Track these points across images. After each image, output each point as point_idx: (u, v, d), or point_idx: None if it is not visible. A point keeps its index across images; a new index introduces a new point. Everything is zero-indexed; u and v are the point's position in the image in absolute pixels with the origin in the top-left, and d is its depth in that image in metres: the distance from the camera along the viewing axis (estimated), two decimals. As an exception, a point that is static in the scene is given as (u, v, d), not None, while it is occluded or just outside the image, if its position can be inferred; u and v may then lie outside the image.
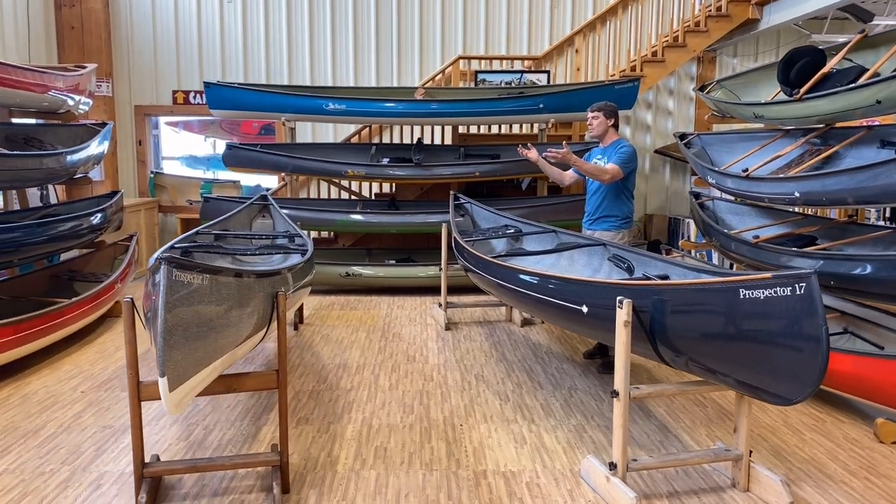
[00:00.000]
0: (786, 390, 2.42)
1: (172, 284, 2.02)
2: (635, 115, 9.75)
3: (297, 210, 7.27)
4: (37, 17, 8.67)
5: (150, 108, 9.62)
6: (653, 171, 9.95)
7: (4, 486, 3.11)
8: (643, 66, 8.39)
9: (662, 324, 2.82)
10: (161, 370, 2.00)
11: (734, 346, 2.57)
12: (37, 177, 5.86)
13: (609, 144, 5.15)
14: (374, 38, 9.40)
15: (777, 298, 2.34)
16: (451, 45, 9.36)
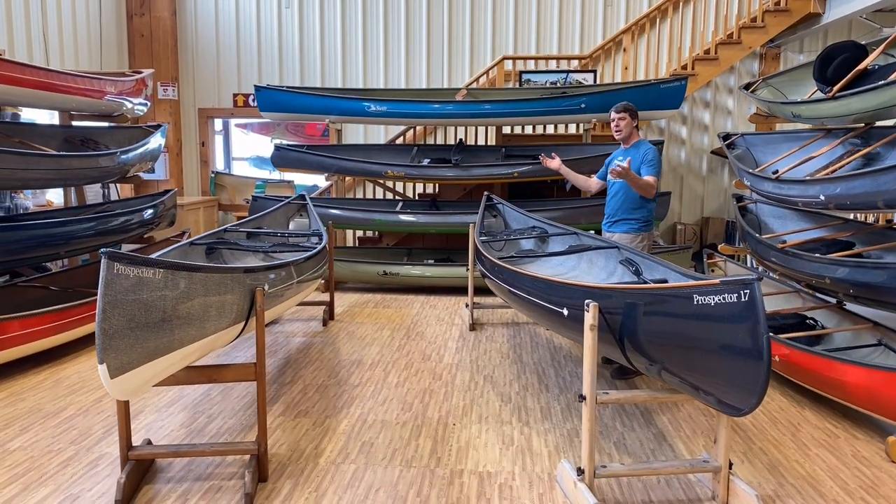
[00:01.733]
0: (735, 399, 2.33)
1: (113, 277, 2.15)
2: (692, 114, 9.46)
3: (339, 209, 7.47)
4: (109, 26, 9.24)
5: (212, 111, 10.08)
6: (710, 172, 9.62)
7: (14, 461, 3.36)
8: (695, 65, 8.13)
9: (628, 328, 2.76)
10: (99, 357, 2.14)
11: (691, 353, 2.49)
12: (92, 175, 6.25)
13: (631, 145, 5.04)
14: (426, 40, 9.51)
15: (725, 305, 2.26)
16: (502, 46, 9.35)
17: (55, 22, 8.10)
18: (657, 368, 2.79)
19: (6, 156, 4.68)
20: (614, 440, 3.68)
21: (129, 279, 2.23)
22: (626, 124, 5.01)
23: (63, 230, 5.59)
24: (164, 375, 2.60)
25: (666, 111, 7.61)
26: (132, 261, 2.23)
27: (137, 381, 2.35)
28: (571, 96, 7.51)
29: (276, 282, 3.46)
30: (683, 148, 9.58)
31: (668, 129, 9.50)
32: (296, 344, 5.45)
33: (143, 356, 2.34)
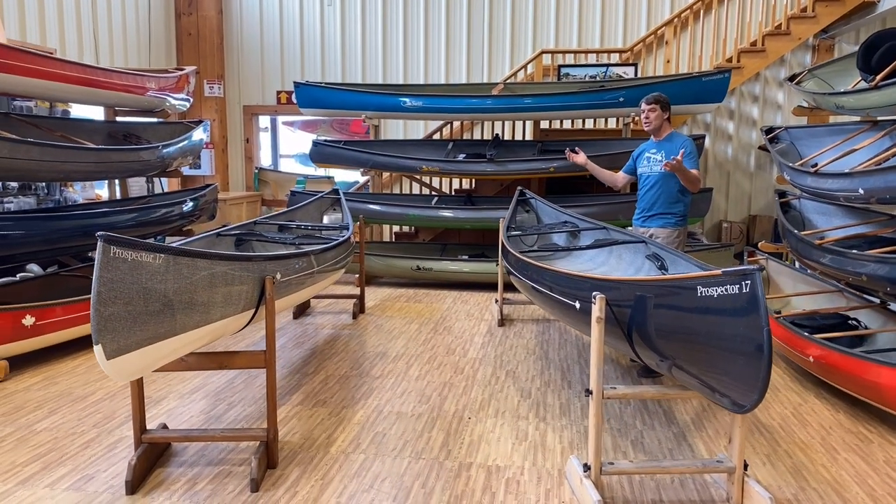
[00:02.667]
0: (738, 395, 2.23)
1: (108, 260, 2.20)
2: (739, 108, 9.17)
3: (374, 204, 7.51)
4: (158, 25, 9.50)
5: (256, 108, 10.27)
6: (758, 169, 9.31)
7: (39, 441, 3.48)
8: (740, 57, 7.87)
9: (635, 321, 2.68)
10: (94, 338, 2.19)
11: (697, 347, 2.40)
12: (133, 168, 6.44)
13: (663, 138, 4.90)
14: (466, 36, 9.48)
15: (727, 297, 2.17)
16: (543, 40, 9.25)
17: (105, 22, 8.38)
18: (667, 365, 2.70)
19: (47, 149, 4.85)
20: (632, 438, 3.58)
21: (127, 262, 2.28)
22: (655, 116, 4.87)
23: (103, 221, 5.77)
24: (167, 359, 2.64)
25: (708, 105, 7.39)
26: (130, 244, 2.28)
27: (137, 364, 2.39)
28: (610, 90, 7.37)
29: (289, 271, 3.49)
30: (730, 143, 9.30)
31: (713, 124, 9.24)
32: (323, 336, 5.50)
33: (142, 339, 2.38)
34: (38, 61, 5.17)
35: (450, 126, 8.96)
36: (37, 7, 7.24)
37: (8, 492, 2.97)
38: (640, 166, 5.01)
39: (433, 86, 8.71)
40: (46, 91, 5.40)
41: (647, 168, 4.94)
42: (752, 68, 7.94)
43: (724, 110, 9.12)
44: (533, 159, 7.42)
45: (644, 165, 4.96)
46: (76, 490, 2.98)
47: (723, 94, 7.25)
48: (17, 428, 3.65)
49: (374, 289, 7.31)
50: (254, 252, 4.99)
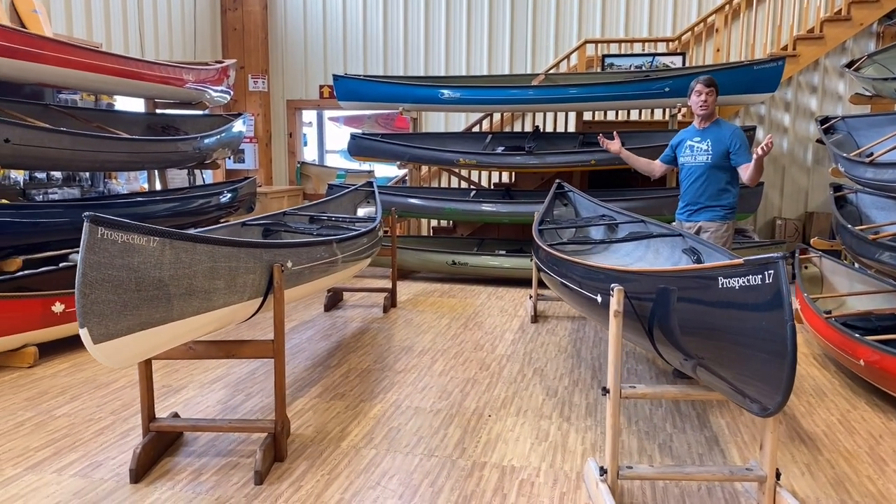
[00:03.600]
0: (762, 395, 2.02)
1: (95, 241, 2.13)
2: (796, 99, 8.72)
3: (410, 197, 7.41)
4: (203, 20, 9.62)
5: (300, 103, 10.30)
6: (816, 163, 8.84)
7: (56, 426, 3.49)
8: (796, 45, 7.47)
9: (655, 315, 2.49)
10: (80, 321, 2.13)
11: (719, 344, 2.19)
12: (171, 159, 6.50)
13: (709, 125, 4.62)
14: (509, 27, 9.29)
15: (750, 288, 1.96)
16: (588, 30, 9.00)
17: (150, 17, 8.51)
18: (691, 364, 2.50)
19: (79, 138, 4.90)
20: (660, 441, 3.37)
21: (117, 245, 2.21)
22: (713, 100, 4.58)
23: (139, 210, 5.84)
24: (166, 346, 2.58)
25: (760, 95, 7.04)
26: (120, 226, 2.21)
27: (129, 350, 2.33)
28: (654, 80, 7.08)
29: (303, 260, 3.40)
30: (786, 136, 8.85)
31: (768, 116, 8.82)
32: (352, 329, 5.42)
33: (134, 324, 2.31)
34: (78, 52, 5.24)
35: (490, 119, 8.79)
36: (83, 2, 7.38)
37: (16, 476, 2.96)
38: (681, 155, 4.75)
39: (471, 77, 8.56)
40: (86, 82, 5.47)
41: (689, 158, 4.68)
42: (809, 56, 7.53)
43: (780, 101, 8.69)
44: (573, 152, 7.19)
45: (686, 155, 4.70)
46: (82, 476, 2.96)
47: (776, 84, 6.89)
48: (38, 413, 3.67)
49: (409, 283, 7.21)
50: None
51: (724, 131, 4.53)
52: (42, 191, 6.64)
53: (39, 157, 4.68)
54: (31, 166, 5.13)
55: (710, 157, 4.55)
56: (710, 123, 4.62)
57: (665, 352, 2.59)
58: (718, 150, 4.51)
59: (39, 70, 4.84)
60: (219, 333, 3.34)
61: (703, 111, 4.56)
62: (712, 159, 4.53)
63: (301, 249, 3.39)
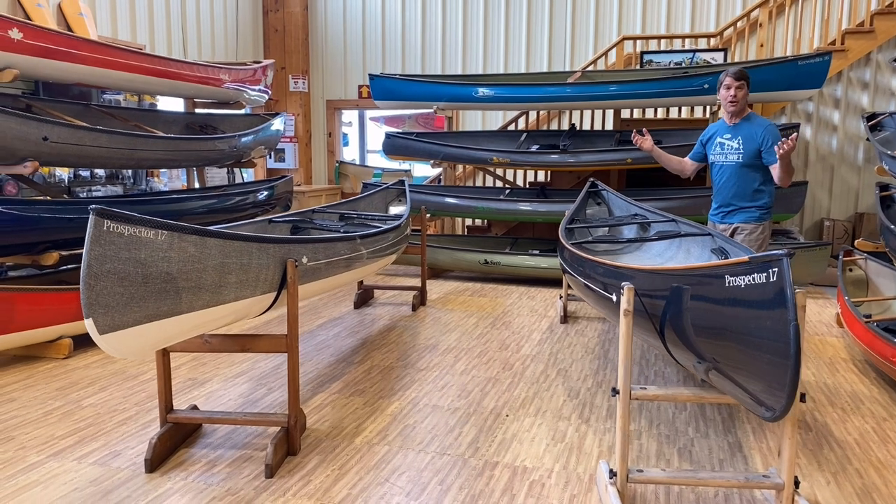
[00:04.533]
0: (768, 398, 1.93)
1: (101, 234, 2.17)
2: (846, 96, 8.40)
3: (442, 196, 7.40)
4: (245, 21, 9.79)
5: (339, 103, 10.40)
6: (867, 162, 8.49)
7: (82, 416, 3.58)
8: (844, 39, 7.20)
9: (665, 314, 2.41)
10: (85, 312, 2.17)
11: (726, 345, 2.11)
12: (210, 157, 6.63)
13: (740, 121, 4.46)
14: (548, 24, 9.20)
15: (755, 287, 1.88)
16: (629, 27, 8.83)
17: (194, 19, 8.70)
18: (704, 367, 2.41)
19: (115, 136, 5.04)
20: (680, 445, 3.28)
21: (123, 238, 2.25)
22: (743, 95, 4.41)
23: (176, 207, 5.97)
24: (176, 338, 2.62)
25: (805, 91, 6.79)
26: (126, 219, 2.25)
27: (136, 341, 2.37)
28: (693, 76, 6.90)
29: (320, 255, 3.42)
30: (835, 135, 8.53)
31: (816, 114, 8.51)
32: (379, 326, 5.44)
33: (140, 316, 2.35)
34: (116, 53, 5.38)
35: (526, 117, 8.71)
36: (128, 5, 7.59)
37: (39, 462, 3.05)
38: (711, 153, 4.61)
39: (506, 75, 8.50)
40: (124, 83, 5.61)
41: (720, 156, 4.53)
42: (859, 51, 7.24)
43: (829, 98, 8.38)
44: (608, 150, 7.07)
45: (717, 153, 4.55)
46: (101, 465, 3.03)
47: (821, 80, 6.64)
48: (67, 402, 3.77)
49: (442, 282, 7.20)
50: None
51: (755, 127, 4.37)
52: (86, 188, 6.85)
53: (77, 155, 4.82)
54: (69, 164, 5.29)
55: (741, 156, 4.39)
56: (741, 119, 4.46)
57: (676, 353, 2.51)
58: (750, 148, 4.35)
59: (78, 70, 4.99)
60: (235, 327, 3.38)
61: (733, 107, 4.40)
62: (744, 158, 4.38)
63: (318, 245, 3.40)
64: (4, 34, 4.35)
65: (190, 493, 2.80)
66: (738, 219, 4.46)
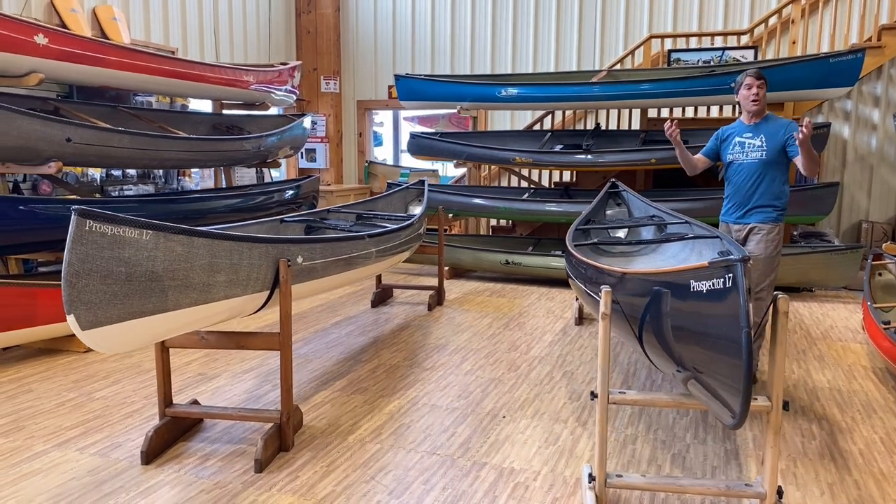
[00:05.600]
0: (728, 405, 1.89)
1: (83, 234, 2.25)
2: (887, 94, 8.11)
3: (464, 196, 7.41)
4: (278, 23, 9.96)
5: (369, 103, 10.49)
6: (909, 162, 8.19)
7: (91, 408, 3.71)
8: (881, 35, 6.95)
9: (642, 318, 2.38)
10: (66, 308, 2.26)
11: (693, 349, 2.08)
12: (236, 157, 6.77)
13: (760, 120, 4.34)
14: (577, 23, 9.12)
15: (714, 292, 1.85)
16: (659, 25, 8.69)
17: (226, 22, 8.88)
18: (683, 377, 2.37)
19: (137, 137, 5.19)
20: (675, 451, 3.23)
21: (106, 237, 2.33)
22: (763, 94, 4.30)
23: (201, 206, 6.12)
24: (164, 335, 2.70)
25: (837, 89, 6.58)
26: (108, 219, 2.33)
27: (121, 337, 2.45)
28: (720, 75, 6.77)
29: (317, 255, 3.46)
30: (874, 133, 8.25)
31: (854, 112, 8.25)
32: (392, 326, 5.48)
33: (124, 313, 2.43)
34: (141, 57, 5.55)
35: (552, 117, 8.65)
36: (161, 9, 7.80)
37: (44, 452, 3.18)
38: (729, 153, 4.48)
39: (530, 74, 8.46)
40: (149, 85, 5.79)
41: (740, 155, 4.41)
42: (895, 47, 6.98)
43: (868, 96, 8.11)
44: (631, 150, 6.98)
45: (736, 152, 4.43)
46: (101, 456, 3.13)
47: (854, 78, 6.43)
48: (80, 394, 3.91)
49: (463, 282, 7.21)
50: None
51: (777, 125, 4.26)
52: (118, 187, 7.07)
53: (100, 156, 4.98)
54: (92, 164, 5.47)
55: (764, 153, 4.28)
56: (760, 119, 4.35)
57: (654, 357, 2.47)
58: (773, 145, 4.24)
59: (103, 74, 5.16)
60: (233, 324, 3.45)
61: (755, 106, 4.28)
62: (767, 155, 4.27)
63: (315, 245, 3.45)
64: (30, 39, 4.54)
65: (180, 485, 2.87)
66: (755, 219, 4.34)
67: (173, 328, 2.70)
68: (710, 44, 8.04)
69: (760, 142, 4.27)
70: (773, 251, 4.20)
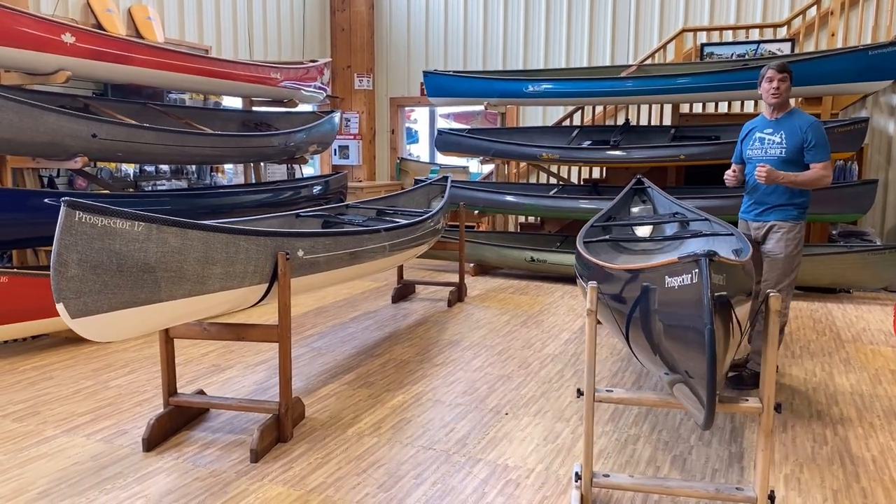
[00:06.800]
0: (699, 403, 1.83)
1: (73, 225, 2.32)
2: (933, 88, 7.76)
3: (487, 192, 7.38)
4: (313, 21, 10.08)
5: (402, 100, 10.53)
6: (959, 159, 7.83)
7: (105, 396, 3.82)
8: (926, 25, 6.66)
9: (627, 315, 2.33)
10: (55, 297, 2.32)
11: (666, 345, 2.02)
12: (264, 153, 6.87)
13: (782, 116, 4.20)
14: (611, 17, 8.98)
15: (685, 288, 1.80)
16: (695, 19, 8.50)
17: (260, 20, 9.03)
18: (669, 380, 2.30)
19: (162, 133, 5.32)
20: (676, 452, 3.16)
21: (97, 228, 2.39)
22: (786, 88, 4.16)
23: (229, 201, 6.25)
24: (158, 325, 2.76)
25: (877, 83, 6.35)
26: (99, 211, 2.39)
27: (112, 325, 2.51)
28: (754, 68, 6.56)
29: (319, 249, 3.49)
30: (922, 129, 7.91)
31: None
32: (410, 321, 5.49)
33: (115, 302, 2.49)
34: (168, 55, 5.68)
35: (582, 112, 8.54)
36: (195, 8, 7.97)
37: (53, 437, 3.28)
38: (749, 149, 4.35)
39: (558, 70, 8.35)
40: (179, 83, 5.92)
41: (759, 151, 4.28)
42: (942, 38, 6.68)
43: (912, 90, 7.77)
44: (660, 146, 6.84)
45: (755, 148, 4.29)
46: (106, 442, 3.22)
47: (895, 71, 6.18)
48: (96, 383, 4.03)
49: (487, 279, 7.18)
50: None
51: (800, 122, 4.10)
52: (151, 182, 7.26)
53: (126, 151, 5.12)
54: (118, 159, 5.62)
55: (783, 151, 4.14)
56: (783, 114, 4.20)
57: (641, 358, 2.42)
58: (793, 143, 4.09)
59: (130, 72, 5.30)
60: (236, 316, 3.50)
61: (776, 99, 4.14)
62: (786, 153, 4.12)
63: (317, 239, 3.48)
64: (57, 38, 4.69)
65: (176, 472, 2.94)
66: (775, 217, 4.20)
67: (168, 318, 2.76)
68: (746, 37, 7.81)
69: (780, 138, 4.13)
70: (792, 250, 4.06)
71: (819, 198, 6.31)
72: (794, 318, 5.64)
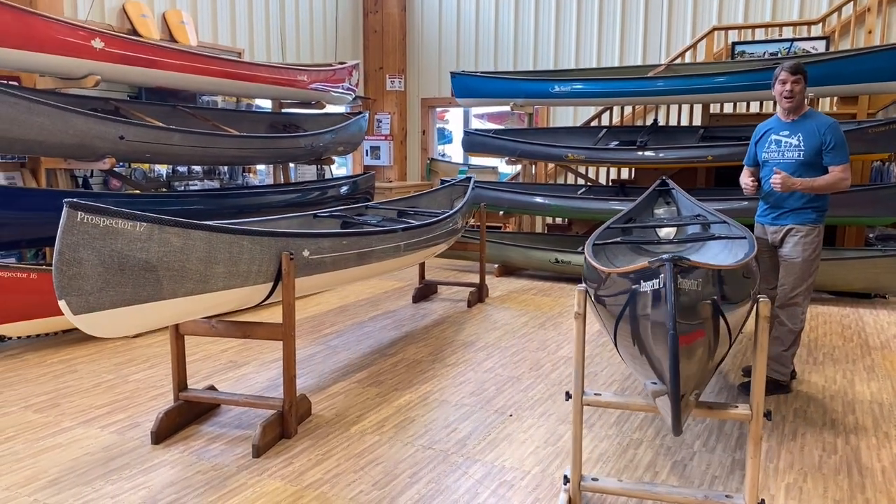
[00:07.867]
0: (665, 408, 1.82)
1: (74, 225, 2.41)
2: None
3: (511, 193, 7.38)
4: (345, 23, 10.20)
5: (433, 101, 10.58)
6: None
7: (123, 390, 3.95)
8: (970, 21, 6.42)
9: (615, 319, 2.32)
10: (57, 294, 2.42)
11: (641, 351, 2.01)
12: (291, 154, 7.00)
13: (799, 117, 4.10)
14: (643, 16, 8.88)
15: (654, 292, 1.79)
16: (729, 16, 8.34)
17: (293, 22, 9.18)
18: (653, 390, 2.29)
19: (187, 135, 5.46)
20: (678, 458, 3.12)
21: (98, 228, 2.48)
22: (800, 90, 4.06)
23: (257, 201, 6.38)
24: (162, 322, 2.85)
25: (916, 80, 6.14)
26: (101, 212, 2.48)
27: (114, 322, 2.60)
28: (784, 67, 6.42)
29: (325, 249, 3.55)
30: (967, 129, 7.60)
31: (943, 106, 7.63)
32: (427, 321, 5.52)
33: (117, 300, 2.58)
34: (196, 59, 5.84)
35: (610, 113, 8.46)
36: (228, 12, 8.15)
37: (69, 428, 3.41)
38: (764, 152, 4.23)
39: (584, 70, 8.29)
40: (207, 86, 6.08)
41: (775, 153, 4.18)
42: None
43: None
44: (687, 147, 6.74)
45: (772, 150, 4.19)
46: (118, 434, 3.34)
47: (934, 68, 5.97)
48: (117, 376, 4.17)
49: (511, 280, 7.17)
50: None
51: (818, 124, 4.00)
52: (184, 183, 7.45)
53: (153, 152, 5.28)
54: (146, 160, 5.79)
55: (801, 153, 4.03)
56: (799, 116, 4.10)
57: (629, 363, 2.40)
58: (812, 145, 3.99)
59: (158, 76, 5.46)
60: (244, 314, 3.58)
61: (789, 102, 4.04)
62: (804, 155, 4.02)
63: (324, 239, 3.54)
64: (87, 44, 4.86)
65: (180, 465, 3.03)
66: (793, 220, 4.09)
67: (171, 316, 2.85)
68: (779, 35, 7.64)
69: (798, 141, 4.03)
70: (810, 254, 3.97)
71: (854, 200, 6.16)
72: (823, 323, 5.50)
